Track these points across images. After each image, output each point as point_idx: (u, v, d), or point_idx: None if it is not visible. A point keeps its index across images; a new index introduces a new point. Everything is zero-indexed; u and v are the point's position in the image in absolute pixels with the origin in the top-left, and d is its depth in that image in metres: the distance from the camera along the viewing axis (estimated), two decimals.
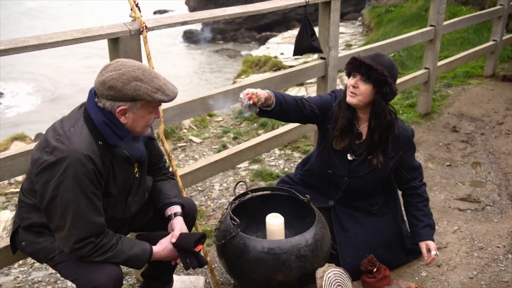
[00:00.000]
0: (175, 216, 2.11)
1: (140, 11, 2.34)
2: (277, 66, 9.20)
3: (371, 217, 2.67)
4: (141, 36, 2.36)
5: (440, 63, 5.24)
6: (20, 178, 4.15)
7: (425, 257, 2.53)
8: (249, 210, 2.63)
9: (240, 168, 4.23)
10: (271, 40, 15.30)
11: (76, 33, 2.19)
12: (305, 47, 3.24)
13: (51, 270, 2.96)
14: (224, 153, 3.17)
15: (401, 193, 2.72)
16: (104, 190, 1.85)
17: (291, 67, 4.38)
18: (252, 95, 2.18)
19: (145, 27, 2.34)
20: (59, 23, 25.96)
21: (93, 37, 2.22)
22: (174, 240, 2.00)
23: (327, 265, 2.32)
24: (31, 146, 2.13)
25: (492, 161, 4.17)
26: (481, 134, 4.71)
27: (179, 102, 2.74)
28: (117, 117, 1.80)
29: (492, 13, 6.08)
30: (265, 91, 2.29)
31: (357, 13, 17.66)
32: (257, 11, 3.03)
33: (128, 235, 2.19)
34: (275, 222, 2.42)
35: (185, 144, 4.83)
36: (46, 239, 1.91)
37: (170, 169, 2.36)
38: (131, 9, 2.34)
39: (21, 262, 3.06)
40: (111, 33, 2.27)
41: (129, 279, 2.82)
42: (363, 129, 2.51)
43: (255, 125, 5.30)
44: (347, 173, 2.55)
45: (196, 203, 3.03)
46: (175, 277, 2.57)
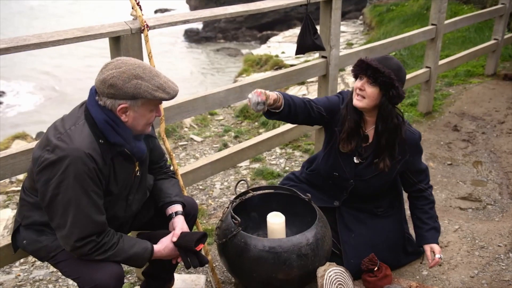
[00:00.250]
0: (176, 215, 2.11)
1: (141, 10, 2.34)
2: (278, 65, 9.20)
3: (375, 218, 2.66)
4: (142, 34, 2.35)
5: (441, 62, 5.23)
6: (21, 176, 4.15)
7: (429, 260, 2.52)
8: (250, 209, 2.63)
9: (241, 167, 4.23)
10: (272, 39, 15.29)
11: (77, 32, 2.19)
12: (308, 45, 3.23)
13: (52, 268, 2.97)
14: (225, 152, 3.17)
15: (406, 195, 2.70)
16: (105, 188, 1.85)
17: (292, 66, 4.38)
18: (260, 93, 2.17)
19: (146, 26, 2.33)
20: (59, 22, 25.95)
21: (94, 36, 2.22)
22: (175, 239, 2.00)
23: (328, 264, 2.32)
24: (32, 144, 2.14)
25: (493, 160, 4.17)
26: (482, 133, 4.71)
27: (180, 100, 2.73)
28: (118, 115, 1.80)
29: (493, 12, 6.07)
30: (274, 93, 2.27)
31: (358, 12, 17.64)
32: (258, 10, 3.03)
33: (129, 234, 2.19)
34: (276, 221, 2.42)
35: (186, 142, 4.83)
36: (47, 238, 1.91)
37: (171, 168, 2.36)
38: (132, 8, 2.34)
39: (22, 260, 3.06)
40: (112, 31, 2.26)
41: (130, 278, 2.83)
42: (369, 132, 2.49)
43: (256, 124, 5.30)
44: (353, 176, 2.53)
45: (197, 202, 3.03)
46: (176, 275, 2.57)
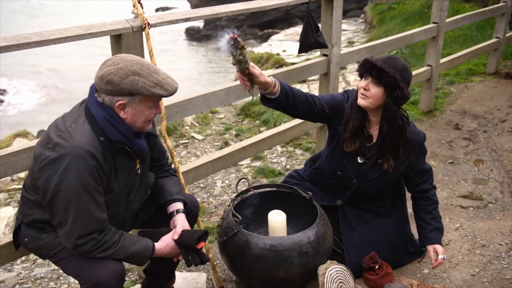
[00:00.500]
0: (177, 213, 2.11)
1: (142, 8, 2.33)
2: (280, 63, 9.19)
3: (378, 218, 2.66)
4: (144, 32, 2.35)
5: (442, 60, 5.23)
6: (22, 174, 4.16)
7: (432, 261, 2.51)
8: (251, 207, 2.63)
9: (242, 165, 4.24)
10: (274, 37, 15.26)
11: (78, 30, 2.19)
12: (311, 43, 3.22)
13: (53, 266, 2.97)
14: (226, 150, 3.17)
15: (410, 195, 2.70)
16: (106, 186, 1.85)
17: (293, 64, 4.38)
18: (237, 36, 2.07)
19: (147, 24, 2.33)
20: (59, 20, 25.94)
21: (96, 34, 2.22)
22: (176, 237, 2.00)
23: (329, 262, 2.32)
24: (34, 142, 2.14)
25: (494, 159, 4.17)
26: (483, 131, 4.70)
27: (181, 98, 2.74)
28: (117, 112, 1.80)
29: (495, 10, 6.06)
30: (270, 78, 2.22)
31: (360, 10, 17.61)
32: (259, 8, 3.03)
33: (130, 232, 2.19)
34: (277, 219, 2.42)
35: (187, 141, 4.83)
36: (48, 235, 1.92)
37: (172, 166, 2.36)
38: (134, 6, 2.34)
39: (23, 258, 3.07)
40: (113, 29, 2.26)
41: (131, 276, 2.83)
42: (373, 132, 2.47)
43: (257, 122, 5.30)
44: (356, 176, 2.52)
45: (198, 200, 3.03)
46: (177, 273, 2.57)
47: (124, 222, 2.06)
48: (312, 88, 6.61)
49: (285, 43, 12.84)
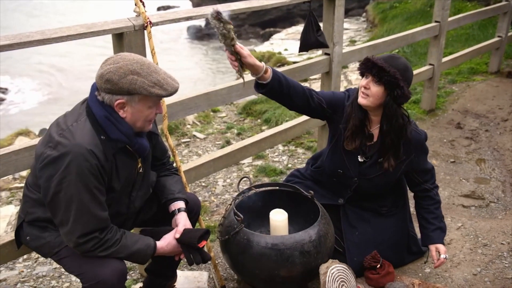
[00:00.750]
0: (179, 211, 2.11)
1: (144, 7, 2.33)
2: (281, 62, 9.19)
3: (379, 217, 2.66)
4: (145, 31, 2.35)
5: (444, 59, 5.22)
6: (24, 173, 4.17)
7: (435, 260, 2.50)
8: (252, 206, 2.63)
9: (243, 164, 4.24)
10: (275, 36, 15.27)
11: (80, 28, 2.19)
12: (311, 42, 3.22)
13: (55, 264, 2.98)
14: (227, 149, 3.17)
15: (412, 194, 2.69)
16: (107, 185, 1.85)
17: (295, 63, 4.38)
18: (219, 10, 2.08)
19: (149, 22, 2.33)
20: (60, 20, 25.91)
21: (98, 32, 2.22)
22: (178, 235, 2.00)
23: (330, 261, 2.32)
24: (36, 141, 2.14)
25: (496, 158, 4.16)
26: (485, 130, 4.70)
27: (183, 97, 2.74)
28: (117, 111, 1.80)
29: (497, 9, 6.05)
30: (261, 63, 2.24)
31: (361, 9, 17.59)
32: (261, 7, 3.03)
33: (132, 230, 2.20)
34: (278, 218, 2.42)
35: (188, 139, 4.84)
36: (50, 234, 1.92)
37: (174, 165, 2.36)
38: (136, 4, 2.34)
39: (25, 256, 3.07)
40: (115, 28, 2.26)
41: (132, 274, 2.83)
42: (374, 131, 2.47)
43: (259, 121, 5.30)
44: (357, 174, 2.52)
45: (199, 198, 3.03)
46: (178, 272, 2.57)
47: (125, 220, 2.06)
48: (313, 87, 6.61)
49: (286, 42, 12.85)
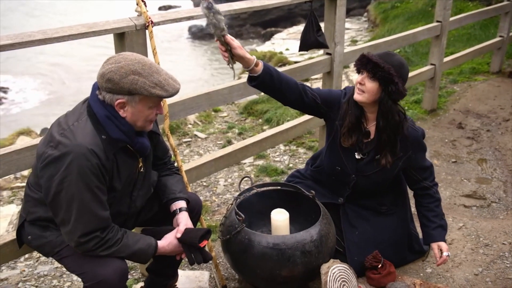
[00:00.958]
0: (180, 211, 2.11)
1: (146, 6, 2.33)
2: (282, 61, 9.18)
3: (379, 216, 2.66)
4: (147, 31, 2.35)
5: (446, 59, 5.21)
6: (26, 172, 4.17)
7: (437, 258, 2.50)
8: (254, 205, 2.63)
9: (245, 163, 4.24)
10: (276, 35, 15.26)
11: (82, 28, 2.19)
12: (311, 42, 3.22)
13: (56, 264, 2.98)
14: (229, 149, 3.17)
15: (412, 193, 2.69)
16: (108, 184, 1.85)
17: (296, 62, 4.37)
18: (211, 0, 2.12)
19: (151, 22, 2.33)
20: (60, 20, 25.87)
21: (99, 32, 2.22)
22: (179, 235, 2.00)
23: (332, 260, 2.32)
24: (37, 140, 2.14)
25: (498, 158, 4.16)
26: (487, 130, 4.69)
27: (184, 97, 2.74)
28: (117, 111, 1.81)
29: (499, 9, 6.04)
30: (253, 57, 2.27)
31: (363, 9, 17.57)
32: (262, 6, 3.03)
33: (133, 230, 2.20)
34: (280, 217, 2.42)
35: (190, 139, 4.84)
36: (52, 233, 1.92)
37: (175, 164, 2.36)
38: (137, 4, 2.34)
39: (27, 256, 3.07)
40: (117, 27, 2.26)
41: (134, 274, 2.83)
42: (371, 128, 2.48)
43: (260, 120, 5.30)
44: (355, 171, 2.53)
45: (201, 198, 3.04)
46: (179, 272, 2.57)
47: (127, 220, 2.06)
48: (315, 86, 6.60)
49: (288, 42, 12.84)
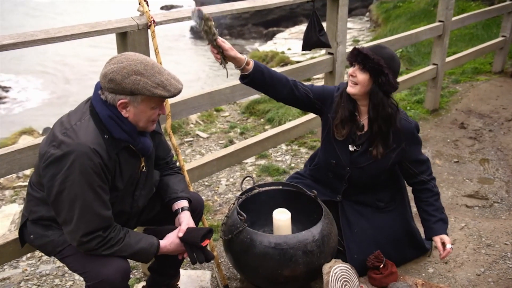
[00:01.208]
0: (182, 210, 2.11)
1: (148, 6, 2.34)
2: (284, 61, 9.18)
3: (377, 213, 2.66)
4: (149, 30, 2.35)
5: (448, 59, 5.20)
6: (28, 171, 4.18)
7: (440, 251, 2.51)
8: (256, 205, 2.63)
9: (247, 163, 4.23)
10: (278, 35, 15.26)
11: (84, 27, 2.19)
12: (313, 42, 3.23)
13: (59, 263, 2.98)
14: (231, 148, 3.17)
15: (411, 189, 2.70)
16: (111, 184, 1.85)
17: (298, 62, 4.38)
18: (200, 8, 2.20)
19: (153, 22, 2.33)
20: (60, 20, 25.85)
21: (102, 31, 2.22)
22: (181, 234, 2.00)
23: (333, 260, 2.32)
24: (39, 140, 2.15)
25: (500, 158, 4.15)
26: (489, 130, 4.68)
27: (186, 97, 2.74)
28: (120, 111, 1.81)
29: (501, 9, 6.03)
30: (243, 56, 2.33)
31: (365, 8, 17.54)
32: (265, 6, 3.02)
33: (135, 229, 2.20)
34: (282, 217, 2.42)
35: (192, 139, 4.84)
36: (54, 233, 1.92)
37: (177, 164, 2.36)
38: (139, 4, 2.34)
39: (29, 255, 3.08)
40: (119, 27, 2.27)
41: (136, 273, 2.84)
42: (364, 121, 2.52)
43: (262, 120, 5.29)
44: (349, 163, 2.55)
45: (203, 198, 3.04)
46: (181, 271, 2.58)
47: (129, 219, 2.06)
48: None
49: (290, 42, 12.84)
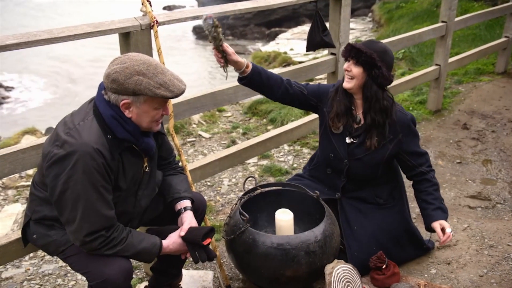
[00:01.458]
0: (184, 210, 2.11)
1: (151, 6, 2.34)
2: (287, 61, 9.19)
3: (376, 210, 2.67)
4: (152, 30, 2.36)
5: (451, 60, 5.20)
6: (31, 171, 4.19)
7: (440, 236, 2.49)
8: (258, 205, 2.63)
9: (249, 163, 4.24)
10: (281, 35, 15.27)
11: (87, 27, 2.20)
12: (317, 42, 3.23)
13: (61, 263, 2.99)
14: (233, 149, 3.17)
15: (411, 186, 2.70)
16: (114, 184, 1.86)
17: (301, 62, 4.37)
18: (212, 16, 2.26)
19: (156, 22, 2.34)
20: (61, 21, 25.87)
21: (104, 31, 2.22)
22: (183, 233, 2.00)
23: (336, 261, 2.32)
24: (42, 139, 2.15)
25: (503, 159, 4.14)
26: (492, 131, 4.67)
27: (188, 97, 2.74)
28: (123, 111, 1.81)
29: (504, 9, 6.02)
30: (243, 59, 2.43)
31: (368, 9, 17.54)
32: (267, 6, 3.03)
33: (138, 229, 2.20)
34: (284, 217, 2.42)
35: (194, 139, 4.84)
36: (57, 232, 1.92)
37: (180, 164, 2.36)
38: (142, 4, 2.34)
39: (32, 254, 3.08)
40: (122, 27, 2.27)
41: (138, 273, 2.84)
42: (360, 114, 2.57)
43: (264, 120, 5.29)
44: (346, 156, 2.59)
45: (205, 198, 3.04)
46: (184, 271, 2.58)
47: (132, 219, 2.07)
48: None
49: (292, 42, 12.84)
